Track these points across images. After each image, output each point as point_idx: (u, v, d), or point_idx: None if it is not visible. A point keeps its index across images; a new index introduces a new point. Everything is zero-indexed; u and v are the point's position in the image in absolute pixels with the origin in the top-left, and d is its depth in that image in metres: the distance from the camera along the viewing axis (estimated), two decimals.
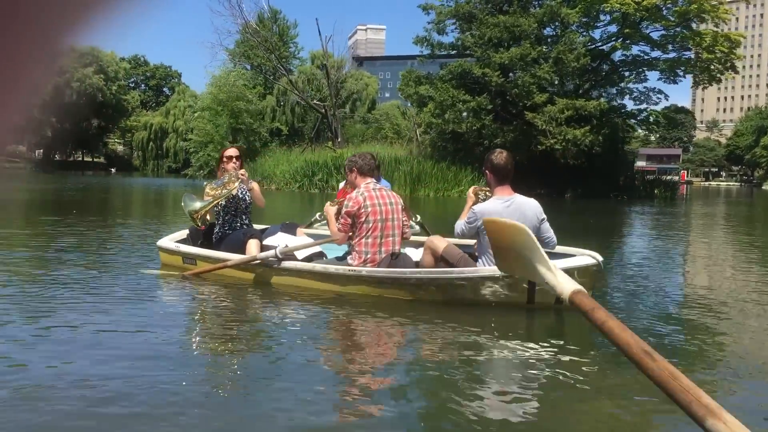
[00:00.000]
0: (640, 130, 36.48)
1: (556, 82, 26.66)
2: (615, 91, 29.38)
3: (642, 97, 29.73)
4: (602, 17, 28.39)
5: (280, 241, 5.72)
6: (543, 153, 25.80)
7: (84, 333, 3.81)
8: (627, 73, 28.78)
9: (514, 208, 4.79)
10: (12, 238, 8.50)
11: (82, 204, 17.50)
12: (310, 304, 4.84)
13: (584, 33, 28.24)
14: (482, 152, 26.84)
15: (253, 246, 5.61)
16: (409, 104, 33.71)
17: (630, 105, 35.23)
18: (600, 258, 4.73)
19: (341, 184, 7.16)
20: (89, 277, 5.65)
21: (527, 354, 3.67)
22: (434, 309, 4.70)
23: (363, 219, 5.14)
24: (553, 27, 27.48)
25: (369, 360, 3.56)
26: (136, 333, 3.83)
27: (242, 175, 5.95)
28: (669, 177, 42.54)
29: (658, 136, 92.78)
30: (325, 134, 38.20)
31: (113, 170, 67.17)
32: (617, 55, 28.97)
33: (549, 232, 4.96)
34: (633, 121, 30.11)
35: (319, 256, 5.70)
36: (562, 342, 4.18)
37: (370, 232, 5.15)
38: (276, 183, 27.48)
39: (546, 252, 5.06)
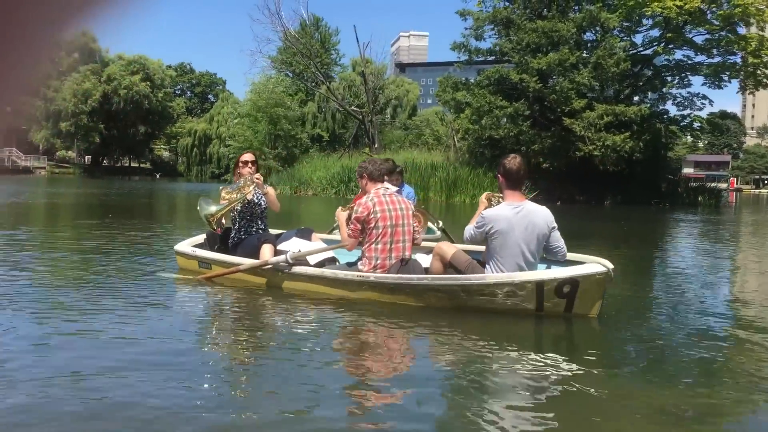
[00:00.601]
0: (688, 137, 35.63)
1: (596, 88, 26.26)
2: (657, 97, 28.81)
3: (685, 103, 29.12)
4: (645, 21, 27.90)
5: (294, 246, 5.78)
6: (582, 159, 25.46)
7: (88, 334, 3.90)
8: (669, 78, 28.18)
9: (524, 215, 4.75)
10: (43, 239, 8.73)
11: (121, 208, 17.89)
12: (318, 310, 4.87)
13: (625, 37, 27.78)
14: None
15: (266, 251, 5.66)
16: (446, 110, 33.60)
17: (673, 110, 34.55)
18: (610, 266, 4.63)
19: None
20: (105, 278, 5.80)
21: (535, 363, 3.62)
22: (441, 316, 4.68)
23: (372, 225, 5.15)
24: (593, 32, 27.10)
25: (372, 368, 3.54)
26: (139, 336, 3.92)
27: (257, 179, 6.00)
28: (715, 184, 41.55)
29: (706, 142, 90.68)
30: (363, 140, 38.33)
31: (158, 175, 68.51)
32: (659, 60, 28.41)
33: (559, 241, 4.90)
34: (676, 127, 29.43)
35: (331, 262, 5.73)
36: (570, 351, 4.13)
37: (379, 237, 5.16)
38: (313, 188, 27.68)
39: (555, 261, 5.04)
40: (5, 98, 0.40)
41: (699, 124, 29.71)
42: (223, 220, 6.05)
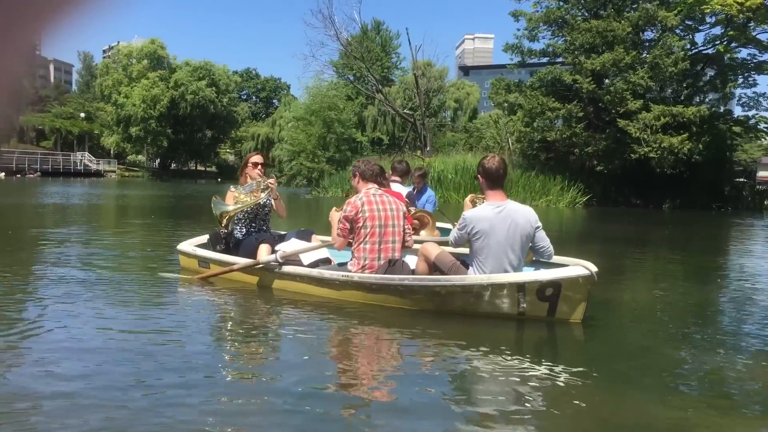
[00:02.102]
0: (765, 139, 34.08)
1: (653, 88, 25.46)
2: (719, 97, 27.73)
3: (751, 103, 27.95)
4: (708, 19, 26.90)
5: (292, 246, 5.82)
6: (638, 162, 24.73)
7: (66, 331, 4.02)
8: (732, 78, 27.07)
9: (505, 215, 4.66)
10: (66, 238, 9.05)
11: (170, 210, 18.39)
12: (302, 310, 4.90)
13: (686, 36, 26.84)
14: (573, 161, 26.11)
15: (263, 250, 5.72)
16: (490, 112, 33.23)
17: (738, 111, 33.25)
18: (594, 268, 4.49)
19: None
20: (111, 276, 5.97)
21: (515, 367, 3.55)
22: (422, 317, 4.64)
23: (361, 224, 5.14)
24: (652, 30, 26.30)
25: (344, 370, 3.52)
26: (122, 331, 4.04)
27: (272, 184, 6.09)
28: None
29: None
30: (415, 143, 38.29)
31: (219, 179, 70.04)
32: (723, 59, 27.31)
33: (544, 241, 4.78)
34: (740, 128, 28.25)
35: (326, 262, 5.74)
36: (552, 356, 4.01)
37: (367, 237, 5.14)
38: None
39: (541, 262, 4.93)
40: None
41: (766, 125, 28.38)
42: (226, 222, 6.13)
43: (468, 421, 2.76)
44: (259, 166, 6.21)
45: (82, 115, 77.53)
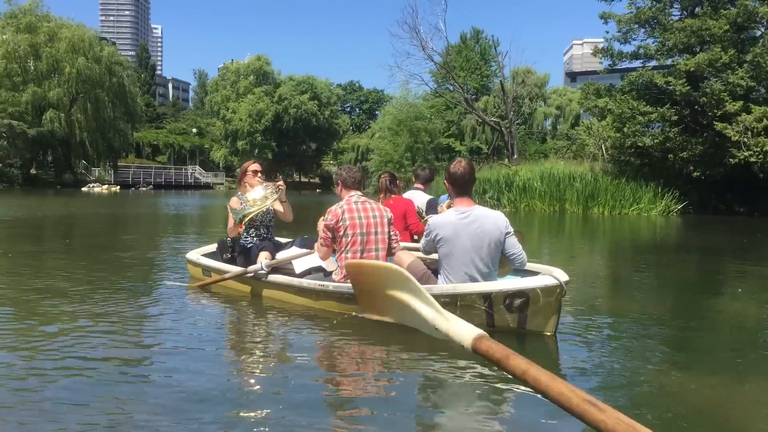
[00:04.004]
0: None
1: (755, 89, 23.75)
2: None
3: None
4: None
5: (286, 254, 5.86)
6: (739, 167, 23.13)
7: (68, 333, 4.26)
8: None
9: (470, 221, 4.49)
10: (119, 245, 9.50)
11: None
12: (280, 319, 4.96)
13: None
14: (669, 167, 24.80)
15: (261, 258, 5.78)
16: (590, 118, 32.10)
17: None
18: (564, 278, 4.24)
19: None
20: (124, 282, 6.23)
21: (483, 380, 3.44)
22: (394, 328, 4.51)
23: (341, 233, 5.10)
24: (753, 28, 24.58)
25: (307, 381, 3.46)
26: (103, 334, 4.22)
27: (281, 186, 6.16)
28: None
29: None
30: (502, 151, 37.67)
31: (319, 190, 71.66)
32: None
33: (515, 248, 4.56)
34: None
35: (318, 271, 5.72)
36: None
37: (349, 246, 5.09)
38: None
39: (511, 270, 4.71)
40: None
41: None
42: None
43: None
44: (259, 174, 6.29)
45: (194, 130, 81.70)
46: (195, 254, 6.41)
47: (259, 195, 6.03)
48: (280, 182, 6.25)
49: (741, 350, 4.39)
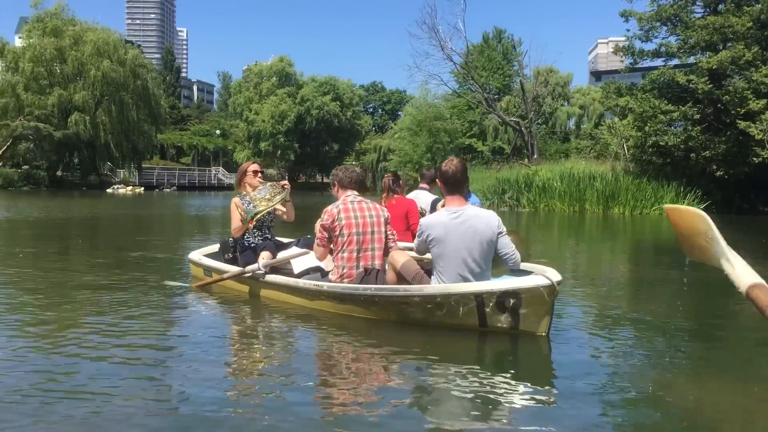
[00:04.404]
0: None
1: None
2: None
3: None
4: None
5: (290, 254, 5.86)
6: (762, 166, 22.74)
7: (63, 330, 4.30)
8: None
9: (462, 221, 4.45)
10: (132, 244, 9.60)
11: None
12: (275, 320, 5.01)
13: None
14: (691, 166, 24.44)
15: (264, 258, 5.79)
16: (613, 117, 31.73)
17: None
18: (556, 278, 4.18)
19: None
20: (127, 282, 6.29)
21: (476, 383, 3.41)
22: (387, 329, 4.56)
23: (337, 232, 5.08)
24: None
25: (297, 384, 3.44)
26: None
27: (286, 185, 6.18)
28: None
29: None
30: (523, 151, 37.40)
31: None
32: None
33: (508, 248, 4.51)
34: None
35: (316, 271, 5.72)
36: (513, 371, 3.76)
37: (345, 246, 5.08)
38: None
39: (507, 270, 4.67)
40: None
41: None
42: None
43: None
44: (259, 174, 6.31)
45: (218, 132, 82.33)
46: (197, 254, 6.45)
47: (264, 194, 6.05)
48: (285, 182, 6.28)
49: (744, 353, 4.30)
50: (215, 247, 6.69)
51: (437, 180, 4.76)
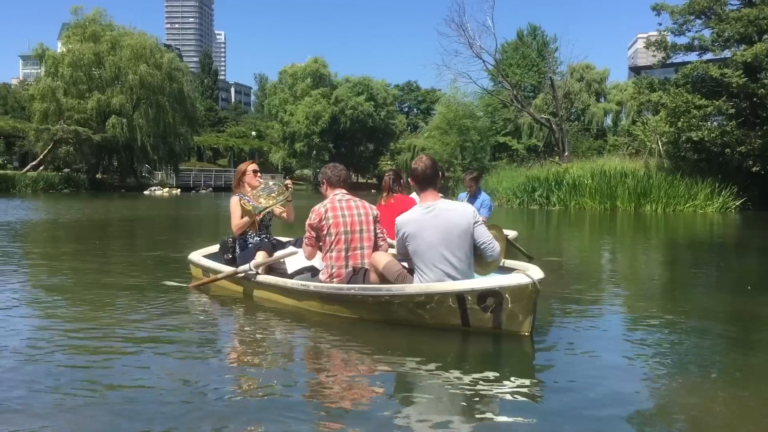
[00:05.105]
0: None
1: None
2: None
3: None
4: None
5: (281, 253, 5.87)
6: None
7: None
8: None
9: (436, 214, 4.45)
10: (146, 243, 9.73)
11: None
12: (263, 320, 5.03)
13: None
14: (726, 162, 23.84)
15: (259, 258, 5.82)
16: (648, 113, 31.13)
17: None
18: (537, 276, 4.10)
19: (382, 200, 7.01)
20: (129, 281, 6.39)
21: (457, 384, 3.38)
22: (371, 329, 4.51)
23: (325, 232, 5.07)
24: None
25: (275, 384, 3.41)
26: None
27: (290, 185, 6.21)
28: None
29: None
30: (554, 149, 36.93)
31: (374, 190, 71.74)
32: None
33: (484, 237, 4.46)
34: None
35: (310, 270, 5.71)
36: (497, 373, 3.70)
37: (333, 245, 5.06)
38: (498, 199, 27.27)
39: (496, 269, 4.61)
40: None
41: None
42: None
43: None
44: (258, 174, 6.35)
45: (254, 133, 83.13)
46: (196, 255, 6.51)
47: (268, 192, 6.09)
48: (288, 182, 6.31)
49: (748, 356, 4.15)
50: (215, 248, 6.73)
51: (410, 179, 4.78)
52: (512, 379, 3.49)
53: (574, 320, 5.06)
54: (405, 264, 4.70)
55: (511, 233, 8.97)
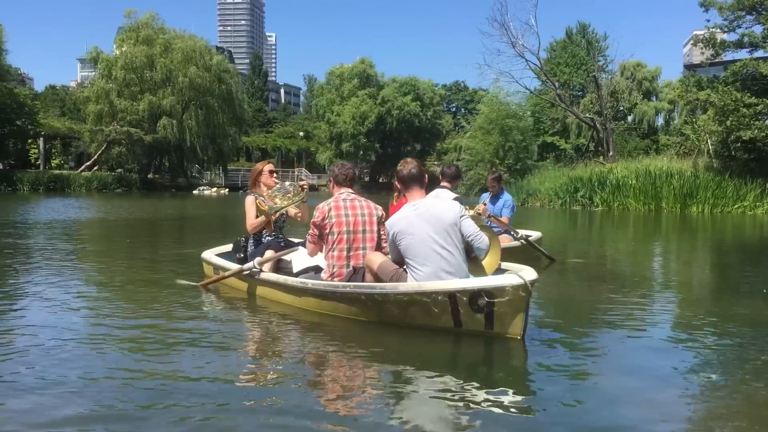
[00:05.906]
0: None
1: None
2: None
3: None
4: None
5: (299, 254, 5.97)
6: None
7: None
8: None
9: (423, 211, 4.56)
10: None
11: None
12: (262, 318, 5.09)
13: None
14: None
15: (267, 256, 5.92)
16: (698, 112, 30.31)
17: None
18: (530, 277, 4.08)
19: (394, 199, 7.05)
20: (141, 279, 6.57)
21: (449, 387, 3.38)
22: (365, 329, 4.56)
23: (327, 230, 5.13)
24: None
25: (266, 385, 3.47)
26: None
27: (305, 185, 6.32)
28: None
29: None
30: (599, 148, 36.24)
31: None
32: None
33: (471, 229, 4.57)
34: None
35: (314, 269, 5.78)
36: (488, 376, 3.72)
37: (335, 244, 5.12)
38: (540, 200, 26.99)
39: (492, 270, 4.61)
40: None
41: None
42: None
43: None
44: (274, 174, 6.47)
45: (301, 133, 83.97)
46: (209, 253, 6.66)
47: (284, 192, 6.20)
48: (304, 182, 6.40)
49: (748, 359, 4.06)
50: (229, 247, 6.87)
51: (395, 182, 4.88)
52: (504, 383, 3.49)
53: (579, 323, 5.01)
54: None
55: (535, 234, 8.91)
